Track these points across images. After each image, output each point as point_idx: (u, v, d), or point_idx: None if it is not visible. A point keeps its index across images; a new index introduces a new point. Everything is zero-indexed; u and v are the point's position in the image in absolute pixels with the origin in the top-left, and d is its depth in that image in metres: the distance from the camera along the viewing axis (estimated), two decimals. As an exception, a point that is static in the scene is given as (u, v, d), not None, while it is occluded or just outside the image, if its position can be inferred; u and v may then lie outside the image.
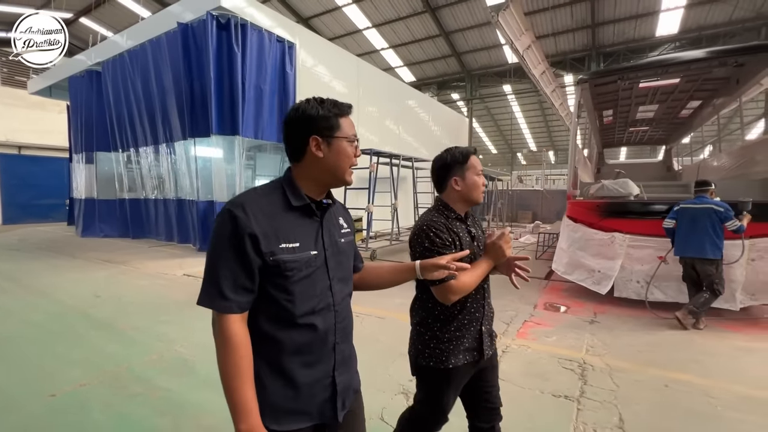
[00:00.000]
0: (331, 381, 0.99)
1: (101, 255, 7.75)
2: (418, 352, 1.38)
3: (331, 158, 0.98)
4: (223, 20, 7.24)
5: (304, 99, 1.00)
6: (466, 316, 1.37)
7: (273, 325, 0.93)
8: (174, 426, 2.15)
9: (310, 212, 0.98)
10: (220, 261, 0.88)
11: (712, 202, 3.60)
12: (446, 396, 1.37)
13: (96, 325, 3.77)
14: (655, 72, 5.43)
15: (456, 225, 1.38)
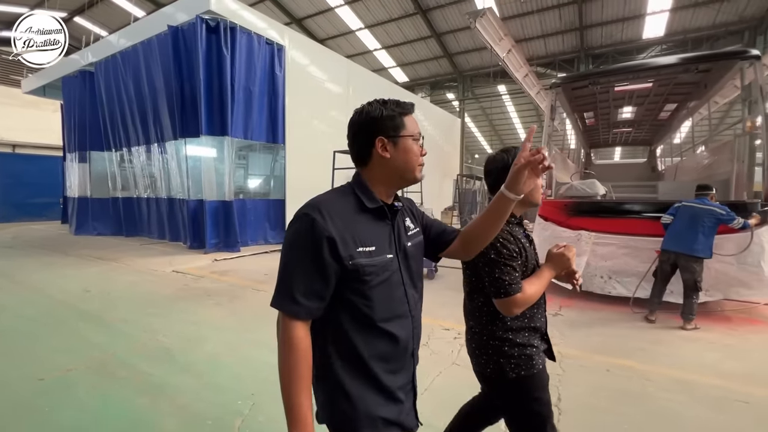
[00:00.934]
0: (411, 387, 1.01)
1: (93, 252, 7.93)
2: (502, 366, 1.30)
3: (398, 158, 0.96)
4: (213, 23, 7.43)
5: (366, 102, 0.99)
6: (536, 323, 1.35)
7: (357, 334, 0.92)
8: (152, 404, 2.36)
9: (383, 215, 0.97)
10: (295, 264, 0.87)
11: (714, 205, 3.76)
12: (548, 397, 1.33)
13: (85, 318, 3.96)
14: (624, 77, 5.67)
15: (516, 230, 1.33)
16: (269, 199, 9.47)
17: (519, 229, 1.36)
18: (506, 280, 1.23)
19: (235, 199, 8.17)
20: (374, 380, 0.92)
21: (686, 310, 3.73)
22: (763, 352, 3.26)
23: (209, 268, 6.55)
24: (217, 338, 3.47)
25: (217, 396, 2.47)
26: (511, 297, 1.22)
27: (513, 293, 1.22)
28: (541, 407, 1.32)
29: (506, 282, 1.23)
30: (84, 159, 10.93)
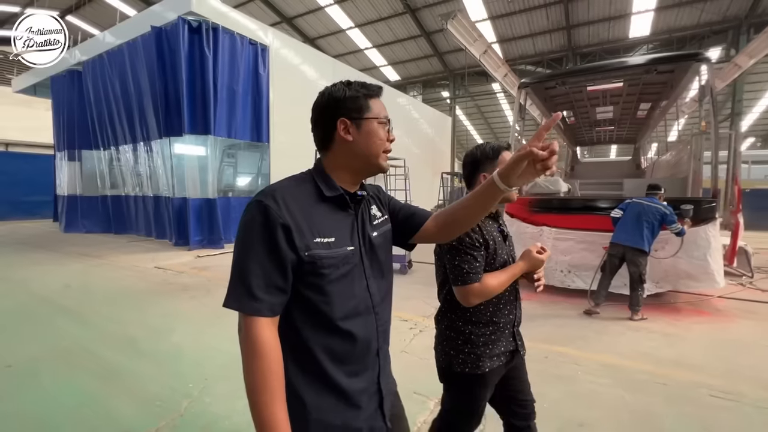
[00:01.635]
0: (377, 389, 0.93)
1: (80, 249, 8.08)
2: (451, 357, 1.32)
3: (361, 141, 0.88)
4: (195, 24, 7.57)
5: (331, 84, 0.93)
6: (501, 318, 1.32)
7: (312, 333, 0.84)
8: (107, 388, 2.53)
9: (344, 204, 0.90)
10: (249, 257, 0.78)
11: (661, 204, 3.94)
12: (481, 401, 1.34)
13: (61, 311, 4.12)
14: (588, 77, 5.83)
15: (488, 224, 1.33)
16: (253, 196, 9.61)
17: (492, 222, 1.36)
18: (465, 268, 1.24)
19: (220, 197, 8.32)
20: (331, 385, 0.84)
21: (633, 302, 3.92)
22: (698, 340, 3.44)
23: (191, 264, 6.71)
24: (184, 329, 3.64)
25: (171, 381, 2.64)
26: (468, 286, 1.22)
27: (470, 282, 1.22)
28: (470, 405, 1.34)
29: (464, 270, 1.23)
30: (73, 157, 11.07)
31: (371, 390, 0.91)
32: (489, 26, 15.76)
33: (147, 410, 2.28)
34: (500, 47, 17.12)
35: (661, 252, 4.20)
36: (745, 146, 31.22)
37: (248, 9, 17.13)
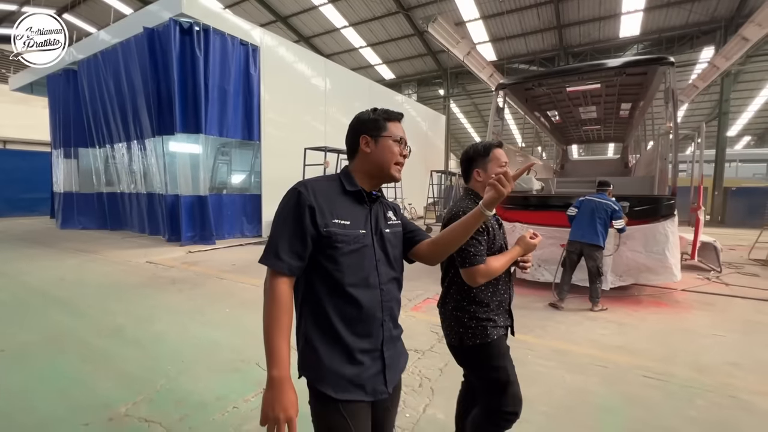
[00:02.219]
0: (380, 354, 1.09)
1: (75, 245, 8.30)
2: (461, 335, 1.45)
3: (377, 154, 1.12)
4: (186, 25, 7.75)
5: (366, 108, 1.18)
6: (498, 297, 1.48)
7: (327, 296, 1.04)
8: (92, 369, 2.76)
9: (361, 198, 1.12)
10: (282, 228, 1.02)
11: (610, 200, 4.17)
12: (504, 363, 1.45)
13: (54, 303, 4.35)
14: (560, 79, 6.03)
15: None
16: (246, 194, 9.82)
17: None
18: (471, 251, 1.37)
19: (211, 195, 8.54)
20: (338, 340, 1.03)
21: (593, 294, 4.14)
22: (649, 329, 3.67)
23: (181, 259, 6.93)
24: (169, 319, 3.86)
25: (152, 363, 2.87)
26: (475, 267, 1.35)
27: (476, 263, 1.35)
28: (497, 373, 1.45)
29: (471, 253, 1.37)
30: (69, 155, 11.27)
31: (374, 354, 1.08)
32: (481, 25, 15.92)
33: (127, 387, 2.51)
34: (493, 46, 17.30)
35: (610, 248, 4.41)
36: (740, 145, 31.45)
37: (243, 8, 17.30)
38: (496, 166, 1.47)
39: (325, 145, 8.76)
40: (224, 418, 2.19)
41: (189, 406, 2.31)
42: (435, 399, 2.40)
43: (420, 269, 5.80)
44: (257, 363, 2.85)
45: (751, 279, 5.68)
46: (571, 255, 4.27)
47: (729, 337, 3.46)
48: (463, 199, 1.52)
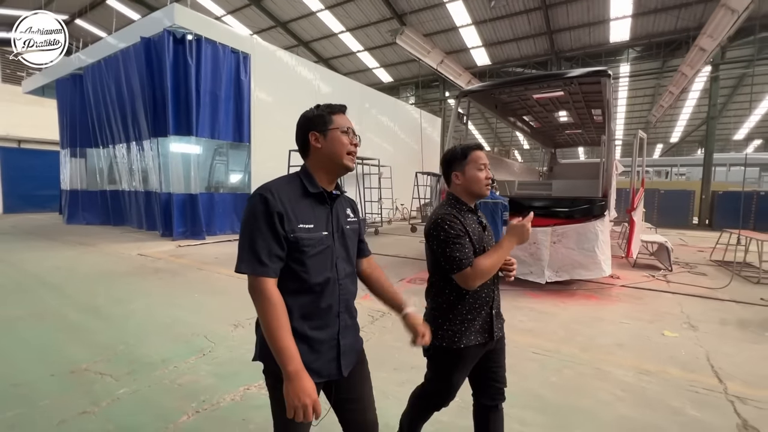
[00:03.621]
0: (336, 343, 1.18)
1: (76, 239, 8.95)
2: (432, 333, 1.44)
3: (327, 147, 1.16)
4: (179, 35, 8.33)
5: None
6: (477, 300, 1.45)
7: (290, 291, 1.10)
8: (65, 338, 3.29)
9: (323, 199, 1.17)
10: (256, 234, 1.04)
11: (500, 198, 4.65)
12: (456, 375, 1.46)
13: (45, 286, 4.92)
14: (513, 88, 6.43)
15: (467, 216, 1.47)
16: (237, 193, 10.38)
17: (472, 215, 1.50)
18: (457, 256, 1.37)
19: (202, 193, 9.11)
20: (297, 331, 1.09)
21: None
22: (565, 317, 4.06)
23: (170, 252, 7.49)
24: (143, 301, 4.39)
25: (117, 334, 3.39)
26: (464, 270, 1.35)
27: (464, 267, 1.36)
28: (446, 383, 1.48)
29: (458, 258, 1.37)
30: (75, 155, 11.99)
31: (331, 344, 1.18)
32: (474, 31, 16.29)
33: (91, 351, 3.02)
34: (486, 51, 17.65)
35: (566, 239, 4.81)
36: (751, 149, 31.21)
37: (244, 13, 17.96)
38: (475, 168, 1.47)
39: None
40: (164, 374, 2.69)
41: (138, 364, 2.81)
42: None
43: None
44: (205, 336, 3.35)
45: (696, 278, 5.99)
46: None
47: (632, 324, 3.85)
48: (443, 206, 1.50)
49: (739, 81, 20.90)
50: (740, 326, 3.85)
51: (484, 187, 1.47)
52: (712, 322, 3.97)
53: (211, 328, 3.55)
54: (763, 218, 13.29)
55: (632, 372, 2.82)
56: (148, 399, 2.38)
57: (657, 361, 3.02)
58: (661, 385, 2.64)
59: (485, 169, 1.47)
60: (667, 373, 2.82)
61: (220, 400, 2.38)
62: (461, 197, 1.49)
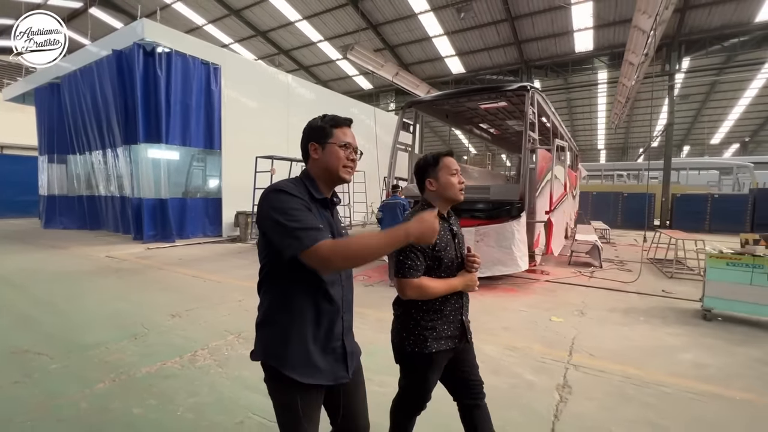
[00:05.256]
0: (341, 344, 1.19)
1: (50, 242, 9.27)
2: (403, 339, 1.48)
3: (324, 159, 1.19)
4: (149, 48, 8.77)
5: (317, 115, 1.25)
6: (448, 307, 1.48)
7: (304, 291, 1.12)
8: (17, 328, 3.70)
9: (326, 205, 1.22)
10: (296, 213, 1.06)
11: (401, 199, 5.26)
12: (429, 379, 1.49)
13: (7, 284, 5.30)
14: (450, 100, 6.97)
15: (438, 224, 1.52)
16: (209, 198, 10.79)
17: (443, 223, 1.51)
18: (407, 263, 1.41)
19: (172, 198, 9.50)
20: (309, 331, 1.12)
21: (390, 273, 5.18)
22: (475, 307, 4.52)
23: (137, 255, 7.87)
24: (96, 297, 4.79)
25: (65, 324, 3.80)
26: (406, 279, 1.39)
27: (408, 276, 1.38)
28: (419, 387, 1.51)
29: (406, 265, 1.40)
30: (53, 161, 12.31)
31: (336, 344, 1.18)
32: (446, 41, 16.94)
33: (36, 338, 3.44)
34: (460, 59, 18.31)
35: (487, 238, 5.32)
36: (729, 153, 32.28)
37: (225, 23, 18.43)
38: (447, 173, 1.50)
39: (287, 155, 9.73)
40: (95, 354, 3.12)
41: (74, 346, 3.24)
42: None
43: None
44: (142, 324, 3.78)
45: (620, 274, 6.53)
46: None
47: (528, 312, 4.35)
48: (415, 213, 1.50)
49: (711, 88, 21.87)
50: (624, 313, 4.38)
51: (458, 192, 1.51)
52: (602, 310, 4.49)
53: (150, 318, 3.98)
54: (717, 219, 14.01)
55: (500, 348, 3.31)
56: (74, 372, 2.81)
57: (528, 340, 3.52)
58: (519, 358, 3.13)
59: (457, 174, 1.51)
60: (530, 348, 3.32)
61: (136, 372, 2.82)
62: (434, 203, 1.52)
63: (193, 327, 3.76)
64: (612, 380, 2.77)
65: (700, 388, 2.68)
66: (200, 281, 5.72)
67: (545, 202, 5.83)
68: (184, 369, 2.89)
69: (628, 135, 29.95)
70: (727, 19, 13.62)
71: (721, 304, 4.10)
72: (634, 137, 30.15)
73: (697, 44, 14.47)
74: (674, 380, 2.78)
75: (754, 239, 3.97)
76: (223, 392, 2.56)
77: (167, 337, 3.51)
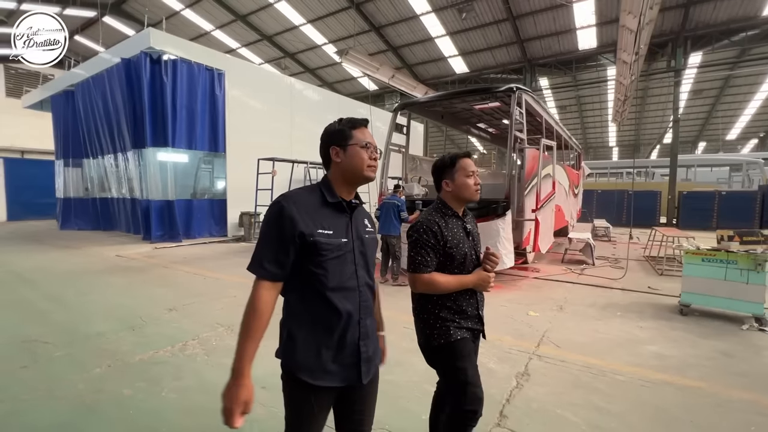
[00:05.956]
0: (356, 349, 1.18)
1: (65, 242, 9.75)
2: (428, 336, 1.51)
3: (347, 161, 1.20)
4: (155, 56, 9.15)
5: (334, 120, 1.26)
6: (463, 303, 1.52)
7: (311, 295, 1.14)
8: (29, 320, 4.02)
9: (341, 208, 1.21)
10: (266, 239, 1.12)
11: (397, 199, 5.44)
12: (464, 365, 1.49)
13: (23, 281, 5.68)
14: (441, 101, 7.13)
15: (452, 221, 1.55)
16: (214, 199, 11.16)
17: (456, 221, 1.57)
18: (418, 259, 1.47)
19: (179, 200, 9.88)
20: (319, 335, 1.14)
21: (393, 271, 5.53)
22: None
23: (145, 254, 8.25)
24: (102, 292, 5.12)
25: (72, 317, 4.11)
26: (417, 274, 1.45)
27: (419, 272, 1.44)
28: (458, 373, 1.49)
29: (417, 261, 1.47)
30: (68, 165, 12.88)
31: (352, 348, 1.18)
32: (449, 41, 17.04)
33: (45, 328, 3.75)
34: (463, 59, 18.38)
35: None
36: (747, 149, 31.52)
37: (232, 28, 18.90)
38: (464, 175, 1.54)
39: (291, 157, 10.03)
40: (95, 343, 3.40)
41: (77, 337, 3.54)
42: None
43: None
44: (140, 317, 4.07)
45: (611, 271, 6.59)
46: (383, 245, 5.56)
47: (508, 307, 4.50)
48: (430, 212, 1.59)
49: (725, 83, 21.44)
50: (602, 308, 4.49)
51: (473, 193, 1.55)
52: (581, 305, 4.61)
53: (149, 311, 4.27)
54: (725, 216, 13.81)
55: (471, 340, 3.48)
56: (75, 358, 3.10)
57: (501, 332, 3.68)
58: (488, 348, 3.29)
59: (473, 175, 1.55)
60: (500, 340, 3.48)
61: (131, 359, 3.09)
62: (450, 203, 1.58)
63: (188, 320, 4.03)
64: (571, 369, 2.92)
65: (654, 376, 2.81)
66: (200, 278, 6.02)
67: (532, 201, 5.94)
68: (173, 357, 3.15)
69: (640, 132, 29.50)
70: (734, 13, 13.41)
71: (697, 300, 4.19)
72: (646, 134, 29.67)
73: (703, 39, 14.26)
74: (631, 369, 2.92)
75: (728, 235, 4.05)
76: (206, 377, 2.80)
77: (162, 328, 3.78)
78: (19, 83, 20.17)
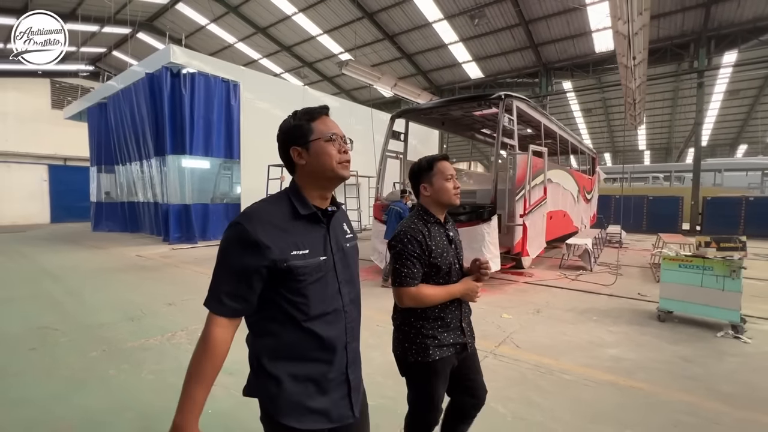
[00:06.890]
0: (344, 378, 1.05)
1: (94, 243, 10.58)
2: (405, 350, 1.44)
3: (312, 162, 1.01)
4: (175, 70, 9.85)
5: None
6: (448, 314, 1.45)
7: (289, 325, 0.98)
8: (46, 310, 4.53)
9: (317, 220, 1.03)
10: (224, 270, 0.94)
11: (401, 205, 5.54)
12: (435, 388, 1.45)
13: (48, 276, 6.30)
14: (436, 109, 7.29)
15: (434, 229, 1.46)
16: (229, 203, 11.77)
17: (439, 228, 1.49)
18: (404, 272, 1.39)
19: (195, 204, 10.52)
20: (302, 371, 0.99)
21: (386, 272, 5.50)
22: (438, 303, 4.87)
23: (162, 254, 8.85)
24: (115, 288, 5.63)
25: (84, 309, 4.59)
26: (404, 288, 1.37)
27: (405, 285, 1.36)
28: (426, 396, 1.46)
29: (403, 274, 1.39)
30: (101, 171, 13.93)
31: (339, 380, 1.04)
32: (462, 47, 17.15)
33: (59, 317, 4.23)
34: (477, 65, 18.41)
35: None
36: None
37: (253, 41, 19.77)
38: (442, 178, 1.47)
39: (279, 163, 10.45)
40: (97, 331, 3.82)
41: (83, 326, 3.98)
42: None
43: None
44: (141, 309, 4.49)
45: (607, 278, 6.52)
46: (389, 249, 5.62)
47: (485, 309, 4.60)
48: (411, 218, 1.51)
49: (765, 81, 20.35)
50: (579, 313, 4.53)
51: (452, 197, 1.48)
52: (560, 309, 4.66)
53: (150, 305, 4.69)
54: (753, 223, 13.11)
55: (436, 338, 3.64)
56: (77, 343, 3.51)
57: (467, 332, 3.82)
58: (448, 346, 3.46)
59: (452, 178, 1.48)
60: (464, 340, 3.63)
61: (124, 345, 3.47)
62: (430, 209, 1.50)
63: (182, 313, 4.41)
64: (521, 367, 3.05)
65: (601, 377, 2.89)
66: (205, 277, 6.45)
67: (521, 206, 6.00)
68: (160, 344, 3.50)
69: (672, 134, 28.31)
70: (760, 11, 12.82)
71: (675, 306, 4.16)
72: (679, 137, 28.44)
73: (727, 39, 13.69)
74: (581, 370, 3.01)
75: (705, 242, 4.02)
76: (184, 362, 3.11)
77: (158, 320, 4.17)
78: (62, 96, 21.88)
